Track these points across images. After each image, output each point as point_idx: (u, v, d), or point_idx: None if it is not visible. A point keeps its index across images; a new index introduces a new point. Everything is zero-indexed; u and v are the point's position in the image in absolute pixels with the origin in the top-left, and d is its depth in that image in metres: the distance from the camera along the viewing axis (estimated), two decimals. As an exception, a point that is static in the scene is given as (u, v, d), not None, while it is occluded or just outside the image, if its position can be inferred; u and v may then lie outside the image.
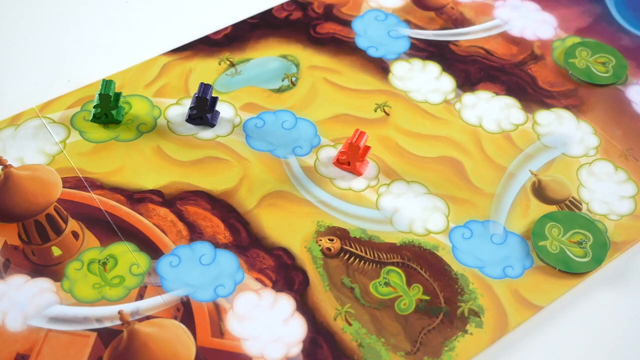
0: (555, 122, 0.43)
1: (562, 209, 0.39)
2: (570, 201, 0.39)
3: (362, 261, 0.36)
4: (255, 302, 0.34)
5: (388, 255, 0.36)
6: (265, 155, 0.40)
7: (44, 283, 0.34)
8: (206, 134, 0.41)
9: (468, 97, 0.44)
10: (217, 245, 0.36)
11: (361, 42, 0.46)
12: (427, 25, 0.48)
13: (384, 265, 0.36)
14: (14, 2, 0.49)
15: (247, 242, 0.36)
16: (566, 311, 0.35)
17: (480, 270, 0.36)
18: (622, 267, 0.37)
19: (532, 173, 0.40)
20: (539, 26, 0.49)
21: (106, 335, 0.33)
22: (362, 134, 0.39)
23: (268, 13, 0.48)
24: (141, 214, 0.37)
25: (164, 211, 0.37)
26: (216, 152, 0.40)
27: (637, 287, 0.36)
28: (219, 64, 0.45)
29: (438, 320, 0.34)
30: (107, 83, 0.40)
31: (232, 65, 0.45)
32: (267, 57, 0.45)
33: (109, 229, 0.37)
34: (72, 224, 0.37)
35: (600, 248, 0.37)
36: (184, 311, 0.34)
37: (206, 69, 0.44)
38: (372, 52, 0.46)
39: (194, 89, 0.43)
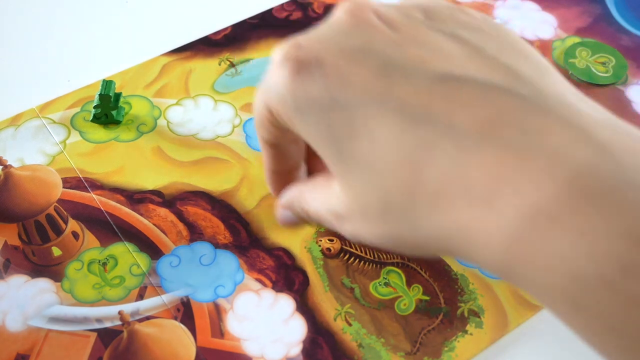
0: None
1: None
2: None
3: (362, 261, 0.36)
4: (256, 302, 0.34)
5: (388, 256, 0.36)
6: (265, 156, 0.40)
7: (44, 283, 0.34)
8: (206, 134, 0.41)
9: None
10: (217, 245, 0.36)
11: (361, 42, 0.46)
12: (427, 26, 0.48)
13: (384, 265, 0.36)
14: (14, 2, 0.49)
15: (247, 242, 0.36)
16: (566, 311, 0.35)
17: (480, 270, 0.36)
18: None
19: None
20: (539, 26, 0.49)
21: (106, 336, 0.33)
22: (362, 134, 0.38)
23: (268, 13, 0.48)
24: (141, 215, 0.37)
25: (164, 211, 0.37)
26: (216, 153, 0.40)
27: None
28: (219, 64, 0.45)
29: (438, 321, 0.34)
30: (107, 83, 0.40)
31: (232, 65, 0.45)
32: (267, 57, 0.45)
33: (109, 229, 0.37)
34: (72, 224, 0.37)
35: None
36: (184, 311, 0.34)
37: (206, 69, 0.44)
38: (372, 52, 0.46)
39: (194, 90, 0.43)
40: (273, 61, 0.24)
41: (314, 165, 0.31)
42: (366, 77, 0.22)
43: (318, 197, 0.27)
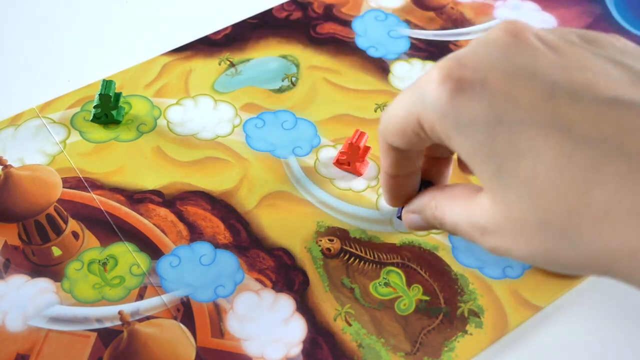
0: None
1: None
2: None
3: (362, 261, 0.36)
4: (256, 302, 0.34)
5: (388, 256, 0.36)
6: (265, 156, 0.40)
7: (44, 283, 0.34)
8: (206, 134, 0.41)
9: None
10: (217, 245, 0.36)
11: (361, 42, 0.47)
12: (427, 25, 0.48)
13: (384, 265, 0.36)
14: (14, 2, 0.49)
15: (247, 242, 0.36)
16: (566, 311, 0.35)
17: (480, 270, 0.36)
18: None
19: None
20: (539, 26, 0.49)
21: (106, 336, 0.33)
22: (362, 134, 0.39)
23: (268, 13, 0.48)
24: (141, 214, 0.37)
25: (164, 211, 0.37)
26: (216, 152, 0.40)
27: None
28: (219, 64, 0.45)
29: (438, 321, 0.34)
30: (107, 83, 0.40)
31: (232, 65, 0.45)
32: (267, 57, 0.45)
33: (109, 229, 0.37)
34: (72, 224, 0.37)
35: None
36: (184, 311, 0.34)
37: (206, 69, 0.44)
38: (372, 52, 0.46)
39: (194, 89, 0.43)
40: (431, 75, 0.24)
41: (428, 169, 0.31)
42: (532, 98, 0.23)
43: (457, 208, 0.27)
